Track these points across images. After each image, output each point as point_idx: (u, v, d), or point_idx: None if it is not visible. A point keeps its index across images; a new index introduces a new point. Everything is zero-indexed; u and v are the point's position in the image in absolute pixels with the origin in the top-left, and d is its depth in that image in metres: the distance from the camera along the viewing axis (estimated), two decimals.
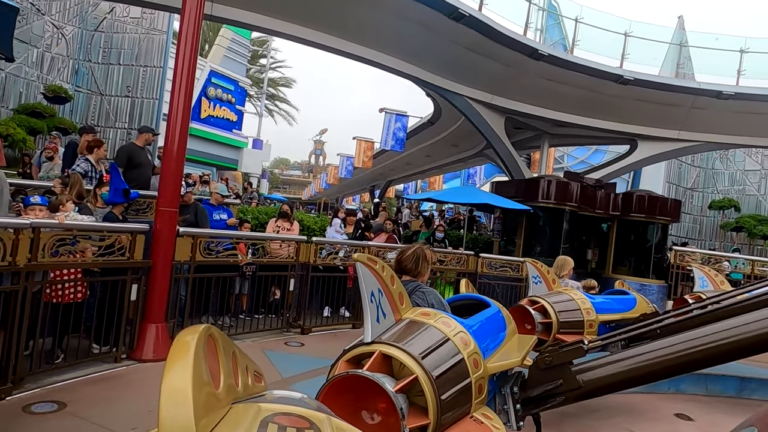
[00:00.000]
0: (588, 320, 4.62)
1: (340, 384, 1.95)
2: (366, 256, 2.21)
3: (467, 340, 2.29)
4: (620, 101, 12.58)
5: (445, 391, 2.02)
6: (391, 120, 19.47)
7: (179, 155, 5.30)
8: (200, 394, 0.96)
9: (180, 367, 0.97)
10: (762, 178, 27.41)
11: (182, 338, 1.08)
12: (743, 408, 6.49)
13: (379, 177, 33.35)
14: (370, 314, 2.14)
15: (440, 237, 10.30)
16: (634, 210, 11.35)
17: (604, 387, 2.83)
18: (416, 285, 2.87)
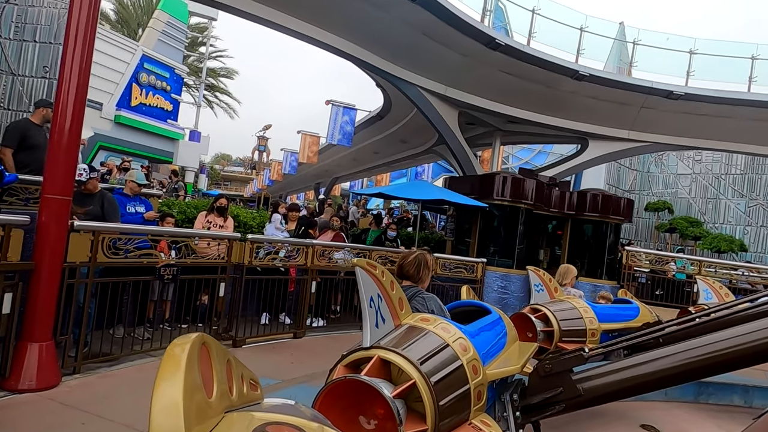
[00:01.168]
0: (590, 329, 4.57)
1: (337, 388, 1.91)
2: (366, 261, 2.16)
3: (467, 346, 2.26)
4: (574, 98, 12.31)
5: (443, 397, 1.99)
6: (339, 113, 18.54)
7: (74, 130, 4.20)
8: (192, 403, 0.97)
9: (171, 376, 0.98)
10: (692, 182, 28.62)
11: (174, 347, 1.09)
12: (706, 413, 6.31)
13: (324, 174, 32.28)
14: (369, 319, 2.09)
15: (392, 236, 9.54)
16: (588, 209, 11.06)
17: (604, 395, 2.79)
18: (416, 291, 2.88)
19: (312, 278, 7.42)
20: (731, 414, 7.57)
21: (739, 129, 13.01)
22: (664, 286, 12.30)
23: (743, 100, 12.02)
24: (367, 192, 10.90)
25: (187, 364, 1.02)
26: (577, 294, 5.52)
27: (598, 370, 2.87)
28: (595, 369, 2.90)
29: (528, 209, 10.44)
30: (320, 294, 7.75)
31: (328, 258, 7.74)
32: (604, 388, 2.78)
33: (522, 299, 10.30)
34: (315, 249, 7.43)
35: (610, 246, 11.21)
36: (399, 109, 15.31)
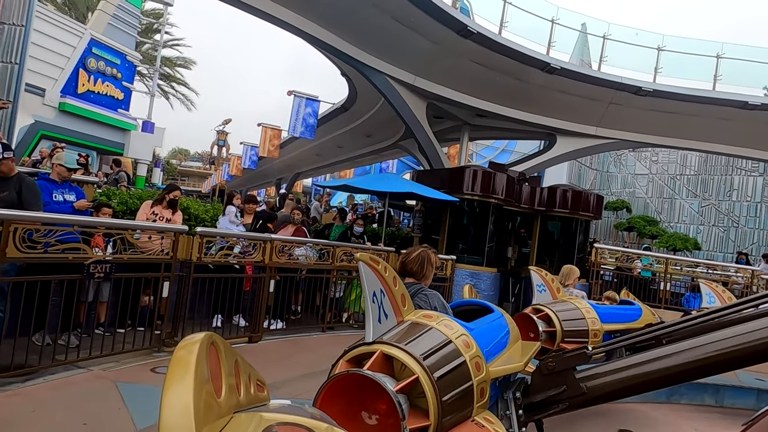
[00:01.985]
0: (593, 329, 4.55)
1: (340, 383, 1.89)
2: (368, 255, 2.13)
3: (469, 342, 2.25)
4: (544, 92, 12.05)
5: (446, 393, 1.98)
6: (301, 104, 17.80)
7: None
8: (201, 404, 0.97)
9: (181, 376, 0.98)
10: (649, 182, 29.20)
11: (182, 348, 1.09)
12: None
13: (286, 169, 31.33)
14: (371, 314, 2.08)
15: (359, 232, 8.96)
16: (558, 205, 10.79)
17: (607, 394, 2.78)
18: (419, 287, 2.90)
19: (270, 276, 6.77)
20: (705, 414, 7.42)
21: (704, 127, 13.08)
22: (629, 283, 12.18)
23: (709, 98, 12.06)
24: (330, 184, 10.27)
25: (197, 364, 1.02)
26: (579, 294, 5.47)
27: (601, 369, 2.85)
28: (599, 367, 2.89)
29: (498, 205, 10.07)
30: (279, 294, 7.10)
31: (288, 254, 7.09)
32: (607, 387, 2.75)
33: (492, 298, 9.92)
34: (273, 244, 6.77)
35: (580, 243, 10.99)
36: (365, 100, 14.73)
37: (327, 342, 7.25)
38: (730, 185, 25.48)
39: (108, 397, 4.00)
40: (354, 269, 8.26)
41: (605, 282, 12.51)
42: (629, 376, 2.72)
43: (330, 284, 7.83)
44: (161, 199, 6.55)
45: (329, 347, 7.15)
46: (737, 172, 25.38)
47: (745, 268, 12.19)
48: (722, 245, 25.13)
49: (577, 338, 4.34)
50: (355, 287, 8.36)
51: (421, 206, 10.88)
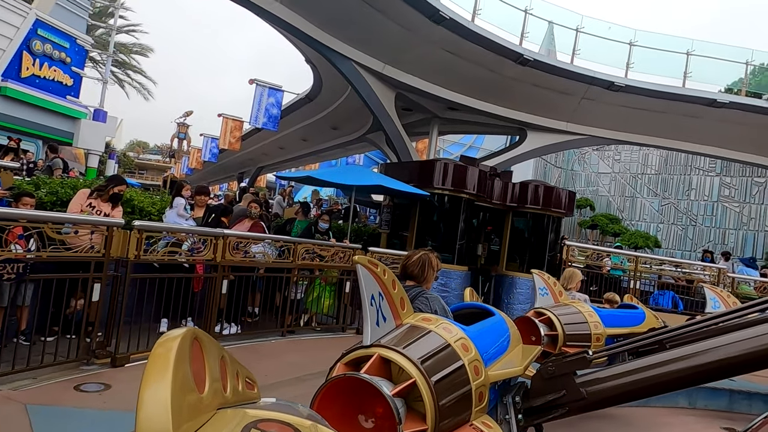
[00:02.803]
0: (595, 333, 4.51)
1: (336, 386, 1.88)
2: (366, 258, 2.11)
3: (468, 346, 2.20)
4: (516, 85, 11.70)
5: (444, 396, 1.95)
6: (264, 94, 16.98)
7: None
8: (181, 399, 0.96)
9: (159, 372, 0.98)
10: (612, 181, 29.59)
11: (163, 343, 1.07)
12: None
13: (249, 163, 30.27)
14: (369, 317, 2.07)
15: (324, 228, 8.33)
16: (530, 201, 10.44)
17: (608, 398, 2.76)
18: (419, 291, 2.92)
19: (223, 276, 6.09)
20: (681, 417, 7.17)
21: (672, 125, 13.03)
22: (598, 281, 11.99)
23: (679, 95, 11.97)
24: (292, 176, 9.58)
25: (177, 360, 1.01)
26: (581, 298, 5.41)
27: (602, 373, 2.82)
28: (599, 372, 2.85)
29: (470, 200, 9.63)
30: (234, 294, 6.43)
31: (244, 252, 6.43)
32: (608, 392, 2.72)
33: (462, 297, 9.47)
34: (227, 241, 6.10)
35: (551, 241, 10.68)
36: (330, 90, 14.09)
37: (286, 348, 6.62)
38: (689, 185, 26.00)
39: (10, 426, 3.28)
40: (317, 267, 7.66)
41: None
42: (630, 381, 2.69)
43: (290, 284, 7.20)
44: (101, 190, 5.76)
45: (289, 354, 6.53)
46: (695, 172, 25.91)
47: (711, 266, 12.20)
48: (681, 243, 25.63)
49: (580, 342, 4.30)
50: (316, 287, 7.75)
51: (390, 201, 10.34)
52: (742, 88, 12.76)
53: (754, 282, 12.03)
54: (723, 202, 24.69)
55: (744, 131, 13.08)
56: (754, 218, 23.77)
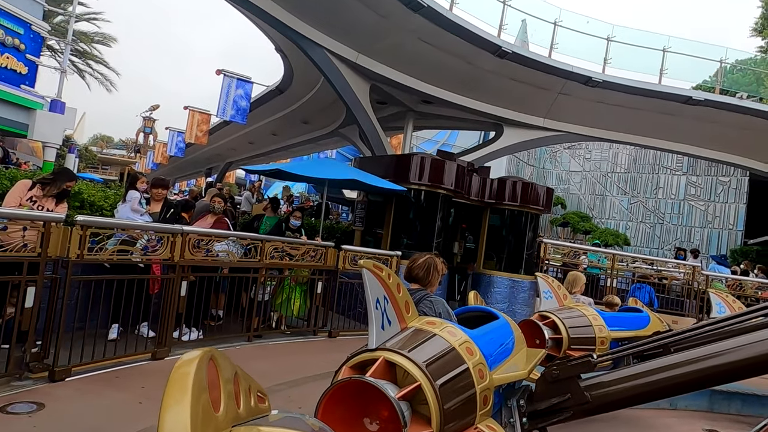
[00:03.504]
0: (600, 337, 4.52)
1: (342, 390, 1.88)
2: (372, 262, 2.11)
3: (473, 350, 2.21)
4: (494, 79, 11.40)
5: (449, 400, 1.96)
6: (232, 85, 16.29)
7: None
8: (199, 421, 1.00)
9: (178, 397, 1.01)
10: (582, 179, 29.83)
11: (180, 367, 1.12)
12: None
13: (217, 158, 29.33)
14: (375, 321, 2.06)
15: (296, 225, 7.82)
16: (508, 198, 10.15)
17: (613, 402, 2.73)
18: (424, 294, 2.93)
19: (182, 276, 5.54)
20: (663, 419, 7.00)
21: (647, 122, 12.98)
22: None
23: (655, 91, 11.89)
24: (262, 169, 9.00)
25: (194, 383, 1.05)
26: (586, 302, 5.42)
27: (607, 377, 2.81)
28: (604, 375, 2.83)
29: (447, 196, 9.27)
30: (194, 297, 5.88)
31: (206, 250, 5.88)
32: (613, 395, 2.72)
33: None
34: (187, 238, 5.55)
35: (529, 238, 10.42)
36: (302, 82, 13.54)
37: (253, 354, 6.11)
38: (657, 183, 26.37)
39: None
40: (286, 267, 7.17)
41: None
42: (635, 384, 2.68)
43: (258, 285, 6.68)
44: (45, 182, 5.12)
45: (255, 361, 5.98)
46: (663, 171, 26.30)
47: (685, 263, 12.20)
48: (649, 241, 26.00)
49: (584, 346, 4.30)
50: (286, 288, 7.25)
51: (364, 197, 9.90)
52: (715, 86, 12.80)
53: (726, 280, 12.10)
54: (689, 200, 25.12)
55: (717, 129, 13.13)
56: (719, 216, 24.24)
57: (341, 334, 7.73)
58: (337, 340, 7.44)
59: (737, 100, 12.36)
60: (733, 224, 23.86)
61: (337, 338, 7.56)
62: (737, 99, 12.39)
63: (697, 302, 11.33)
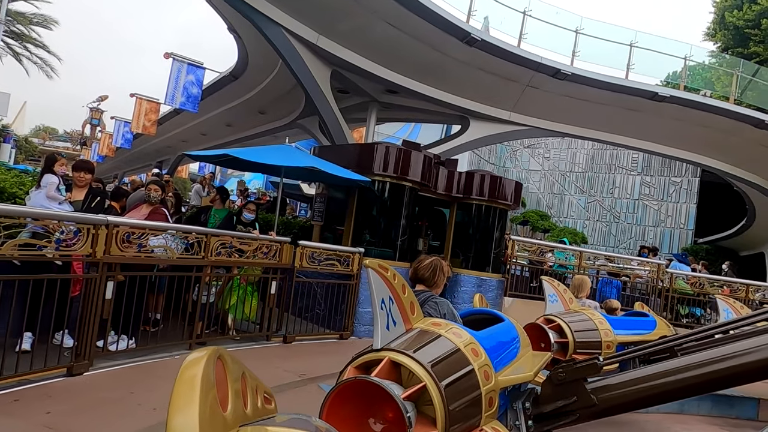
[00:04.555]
0: (606, 341, 4.52)
1: (347, 390, 1.88)
2: (377, 262, 2.11)
3: (478, 351, 2.21)
4: (462, 68, 10.90)
5: (454, 401, 1.96)
6: (182, 70, 15.19)
7: None
8: (207, 420, 1.01)
9: (187, 397, 1.02)
10: (542, 178, 30.05)
11: (189, 367, 1.11)
12: None
13: (168, 151, 27.79)
14: (380, 321, 2.06)
15: (249, 218, 7.03)
16: (476, 192, 9.66)
17: (619, 405, 2.72)
18: (429, 295, 2.95)
19: (106, 276, 4.69)
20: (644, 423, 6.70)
21: (612, 117, 12.82)
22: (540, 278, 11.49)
23: (622, 86, 11.71)
24: (207, 154, 8.03)
25: (203, 384, 1.06)
26: (591, 306, 5.40)
27: (613, 380, 2.81)
28: (610, 378, 2.84)
29: (414, 189, 8.67)
30: (124, 300, 5.02)
31: (139, 245, 5.05)
32: (619, 398, 2.72)
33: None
34: (114, 231, 4.71)
35: (497, 235, 9.97)
36: (258, 67, 12.67)
37: None
38: (613, 183, 26.79)
39: None
40: (235, 265, 6.38)
41: (514, 277, 11.78)
42: (641, 388, 2.69)
43: (202, 285, 5.87)
44: None
45: None
46: (619, 170, 26.73)
47: (651, 261, 12.10)
48: (605, 239, 26.37)
49: (590, 350, 4.25)
50: (236, 288, 6.46)
51: (324, 189, 9.18)
52: (680, 83, 12.78)
53: (686, 277, 12.09)
54: (643, 200, 25.61)
55: (679, 127, 13.13)
56: (671, 216, 24.80)
57: (297, 338, 7.00)
58: (293, 347, 6.71)
59: (701, 97, 12.36)
60: (685, 223, 24.45)
61: (293, 344, 6.83)
62: (701, 96, 12.40)
63: (662, 300, 11.21)
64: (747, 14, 20.77)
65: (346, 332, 7.71)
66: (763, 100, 13.42)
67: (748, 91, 13.52)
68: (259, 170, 8.90)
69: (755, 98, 13.42)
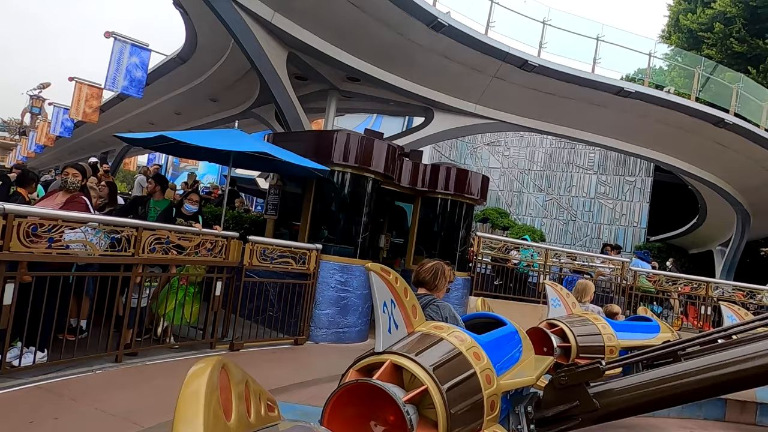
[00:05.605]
0: (609, 345, 4.46)
1: (349, 393, 1.89)
2: (379, 266, 2.15)
3: (480, 354, 2.22)
4: (427, 56, 10.35)
5: (455, 404, 1.95)
6: (125, 51, 13.99)
7: None
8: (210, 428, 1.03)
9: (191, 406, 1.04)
10: (501, 176, 30.11)
11: (193, 377, 1.13)
12: None
13: (112, 141, 26.04)
14: (382, 324, 2.07)
15: (191, 210, 6.22)
16: (442, 186, 9.14)
17: (621, 410, 2.73)
18: (431, 299, 3.00)
19: (4, 277, 3.84)
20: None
21: (577, 112, 12.61)
22: (503, 276, 11.13)
23: (588, 80, 11.47)
24: (140, 137, 6.96)
25: (207, 393, 1.07)
26: (595, 310, 5.42)
27: (616, 384, 2.80)
28: (613, 383, 2.83)
29: (376, 181, 8.06)
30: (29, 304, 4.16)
31: (50, 240, 4.20)
32: (622, 403, 2.70)
33: (366, 297, 7.91)
34: (16, 222, 3.86)
35: (463, 232, 9.49)
36: (208, 49, 11.73)
37: (117, 381, 4.47)
38: (570, 181, 27.07)
39: None
40: (173, 263, 5.58)
41: (478, 275, 11.37)
42: (643, 392, 2.67)
43: (131, 286, 5.04)
44: None
45: (116, 392, 4.07)
46: (576, 169, 27.02)
47: (614, 258, 11.97)
48: (562, 237, 26.60)
49: (593, 354, 4.22)
50: (174, 290, 5.65)
51: (278, 180, 8.43)
52: (644, 79, 12.71)
53: (647, 274, 12.04)
54: (599, 198, 25.96)
55: (642, 124, 13.07)
56: (625, 214, 25.25)
57: (247, 345, 6.25)
58: (241, 354, 5.96)
59: (665, 93, 12.31)
60: (638, 222, 24.93)
61: (241, 351, 6.08)
62: (664, 93, 12.35)
63: (626, 298, 11.07)
64: (701, 18, 21.24)
65: (302, 337, 7.02)
66: (719, 98, 13.57)
67: (705, 90, 13.63)
68: (207, 158, 8.04)
69: (712, 97, 13.55)
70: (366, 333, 7.95)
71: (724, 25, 20.13)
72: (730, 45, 19.76)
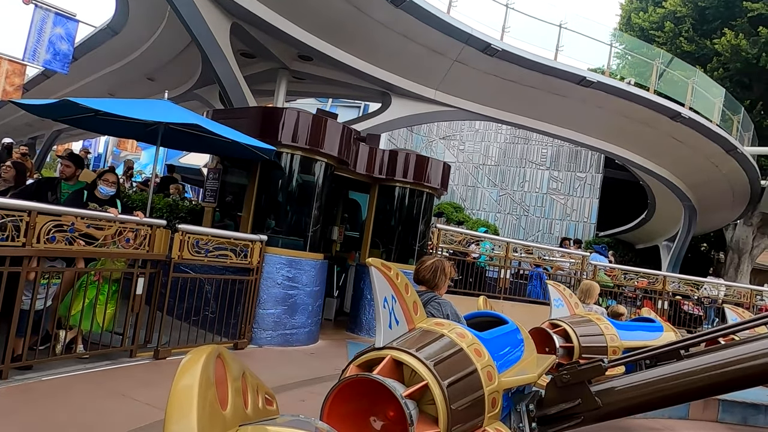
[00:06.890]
0: (612, 346, 4.43)
1: (349, 388, 1.87)
2: (380, 261, 2.11)
3: (481, 351, 2.20)
4: (385, 35, 9.62)
5: (456, 400, 1.94)
6: (47, 20, 12.55)
7: None
8: (206, 421, 0.99)
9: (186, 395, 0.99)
10: (456, 170, 29.88)
11: (188, 364, 1.08)
12: None
13: (40, 124, 23.85)
14: (382, 320, 2.07)
15: (107, 193, 5.23)
16: (401, 173, 8.47)
17: (624, 408, 2.73)
18: (432, 296, 2.96)
19: None
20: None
21: (537, 102, 12.25)
22: (462, 270, 10.62)
23: (551, 68, 11.09)
24: (41, 104, 5.77)
25: (202, 381, 1.03)
26: (598, 311, 5.43)
27: (619, 382, 2.78)
28: (615, 381, 2.81)
29: (329, 166, 7.27)
30: None
31: None
32: (624, 401, 2.69)
33: (317, 295, 7.12)
34: None
35: (424, 224, 8.87)
36: (142, 18, 10.56)
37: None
38: (523, 177, 27.19)
39: None
40: (81, 255, 4.60)
41: None
42: (646, 391, 2.65)
43: (21, 285, 4.06)
44: None
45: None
46: (529, 165, 27.17)
47: (574, 252, 11.72)
48: (515, 232, 26.69)
49: (596, 355, 4.04)
50: (81, 288, 4.67)
51: (217, 163, 7.49)
52: (605, 70, 12.51)
53: (605, 269, 11.91)
54: (551, 194, 26.19)
55: (600, 116, 12.89)
56: (576, 210, 25.57)
57: (175, 351, 5.33)
58: (167, 364, 5.03)
59: (625, 85, 12.14)
60: (588, 217, 25.29)
61: (168, 360, 5.16)
62: (625, 84, 12.18)
63: None
64: (652, 16, 21.55)
65: (243, 340, 6.17)
66: (674, 91, 13.61)
67: (661, 82, 13.63)
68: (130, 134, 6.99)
69: (667, 90, 13.57)
70: (317, 334, 7.18)
71: (674, 24, 20.50)
72: (679, 44, 20.12)
